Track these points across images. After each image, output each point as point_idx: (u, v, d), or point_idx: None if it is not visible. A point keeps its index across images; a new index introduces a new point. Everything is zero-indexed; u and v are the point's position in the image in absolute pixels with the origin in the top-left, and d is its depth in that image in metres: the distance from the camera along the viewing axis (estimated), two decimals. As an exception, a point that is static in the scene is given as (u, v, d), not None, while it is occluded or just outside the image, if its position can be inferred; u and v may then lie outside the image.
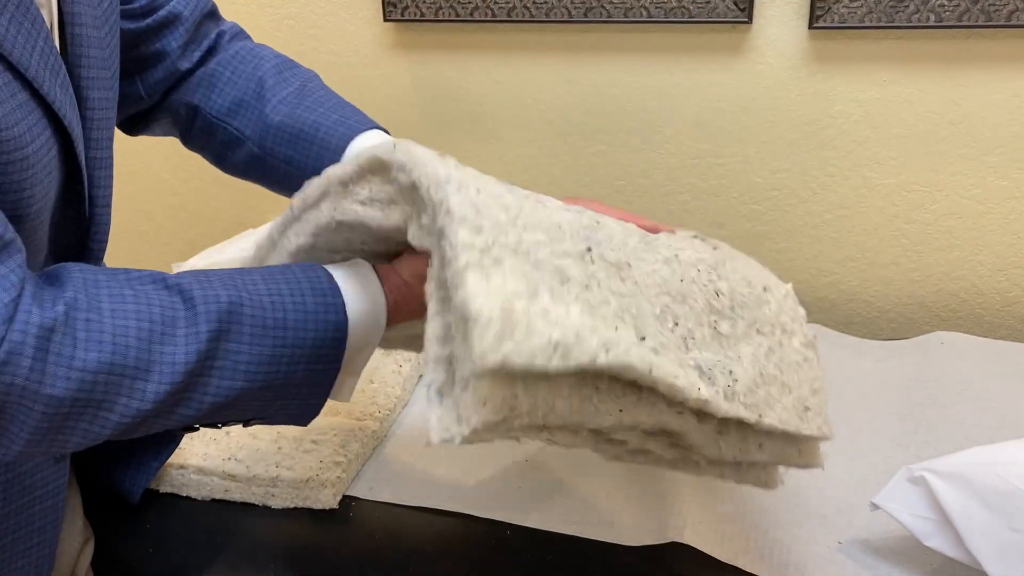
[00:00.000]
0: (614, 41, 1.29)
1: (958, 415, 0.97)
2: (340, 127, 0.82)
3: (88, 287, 0.59)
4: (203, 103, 0.86)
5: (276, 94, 0.84)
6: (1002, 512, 0.70)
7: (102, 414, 0.58)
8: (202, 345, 0.60)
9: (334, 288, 0.65)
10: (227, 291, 0.62)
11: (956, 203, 1.24)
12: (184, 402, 0.60)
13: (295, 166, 0.82)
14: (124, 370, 0.58)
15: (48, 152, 0.61)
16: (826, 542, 0.81)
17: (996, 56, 1.15)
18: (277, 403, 0.65)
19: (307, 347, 0.63)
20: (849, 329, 1.34)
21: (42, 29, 0.59)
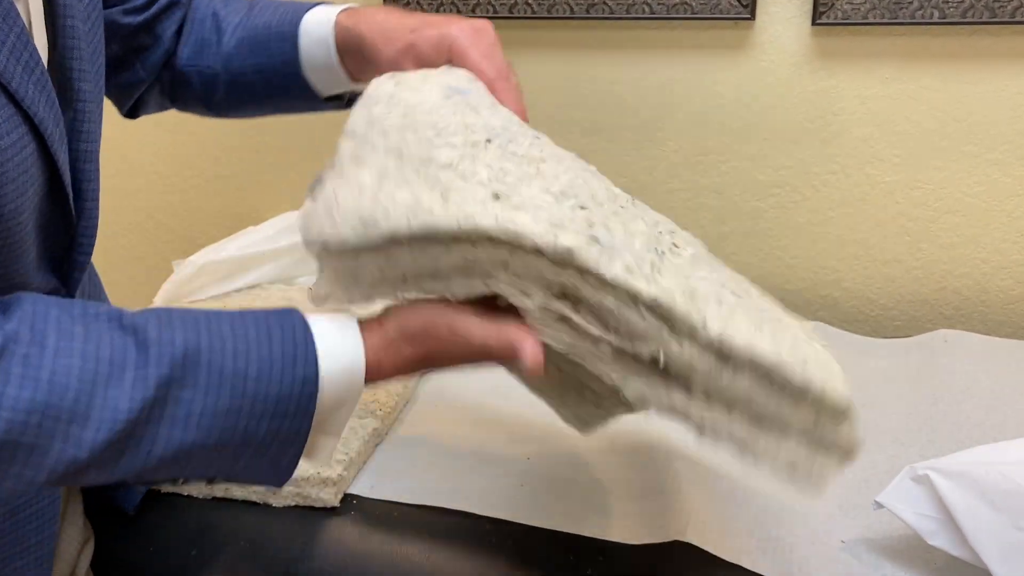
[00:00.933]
0: (616, 38, 1.28)
1: (962, 414, 0.96)
2: (288, 16, 0.83)
3: (36, 320, 0.55)
4: (178, 57, 0.87)
5: (230, 22, 0.86)
6: (1007, 511, 0.70)
7: (35, 459, 0.53)
8: (149, 392, 0.54)
9: (307, 338, 0.59)
10: (185, 335, 0.57)
11: (960, 200, 1.24)
12: (128, 453, 0.55)
13: (267, 71, 0.84)
14: (59, 413, 0.52)
15: (22, 150, 0.58)
16: (829, 541, 0.81)
17: (1000, 53, 1.15)
18: (240, 462, 0.59)
19: (270, 401, 0.57)
20: (852, 327, 1.34)
21: (15, 24, 0.58)
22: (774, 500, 0.85)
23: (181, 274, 1.24)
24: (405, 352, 0.62)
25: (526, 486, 0.89)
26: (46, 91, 0.61)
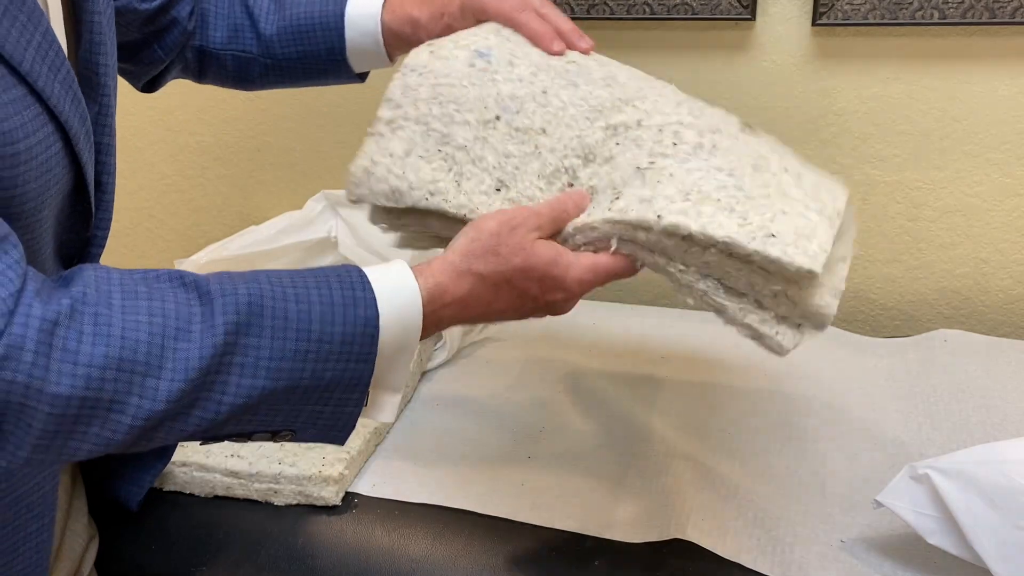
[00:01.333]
0: (617, 38, 1.28)
1: (962, 413, 0.97)
2: (329, 6, 0.89)
3: (100, 283, 0.57)
4: (204, 42, 0.91)
5: (260, 7, 0.91)
6: (1006, 510, 0.70)
7: (113, 416, 0.55)
8: (218, 339, 0.57)
9: (364, 282, 0.62)
10: (247, 285, 0.59)
11: (959, 200, 1.24)
12: (200, 403, 0.57)
13: (309, 58, 0.90)
14: (134, 366, 0.55)
15: (47, 149, 0.59)
16: (829, 539, 0.81)
17: (1000, 53, 1.15)
18: (307, 409, 0.61)
19: (335, 343, 0.59)
20: (852, 326, 1.34)
21: (40, 22, 0.58)
22: (775, 499, 0.85)
23: (183, 273, 1.24)
24: (476, 268, 0.65)
25: (527, 485, 0.89)
26: (72, 89, 0.62)
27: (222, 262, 1.25)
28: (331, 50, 0.90)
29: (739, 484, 0.87)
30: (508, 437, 0.97)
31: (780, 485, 0.88)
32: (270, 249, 1.27)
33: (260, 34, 0.91)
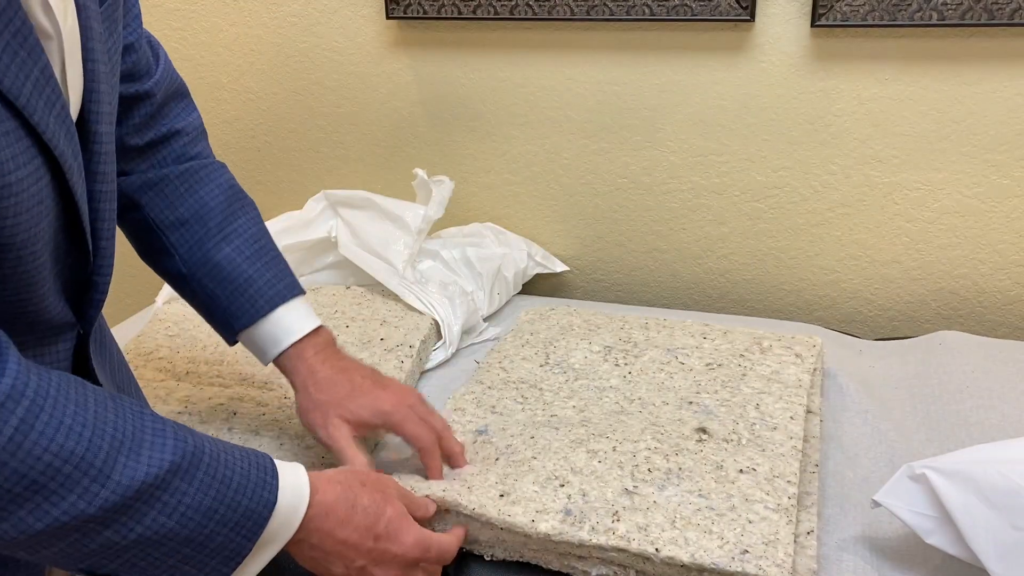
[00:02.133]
0: (617, 39, 1.29)
1: (960, 413, 0.97)
2: (268, 290, 0.86)
3: (72, 382, 0.60)
4: (148, 206, 0.86)
5: (221, 230, 0.87)
6: (1004, 510, 0.70)
7: (45, 506, 0.56)
8: (161, 472, 0.60)
9: (275, 473, 0.67)
10: (194, 438, 0.64)
11: (958, 201, 1.24)
12: (116, 525, 0.59)
13: (217, 304, 0.86)
14: (89, 468, 0.57)
15: (37, 181, 0.59)
16: (827, 539, 0.81)
17: (998, 54, 1.15)
18: (185, 567, 0.63)
19: (237, 513, 0.64)
20: (850, 327, 1.35)
21: (39, 59, 0.59)
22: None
23: (183, 273, 1.25)
24: (351, 493, 0.72)
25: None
26: (66, 124, 0.62)
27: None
28: (238, 317, 0.86)
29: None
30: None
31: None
32: (270, 249, 1.27)
33: (201, 248, 0.86)
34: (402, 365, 1.06)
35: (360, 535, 0.71)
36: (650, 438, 0.90)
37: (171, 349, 1.12)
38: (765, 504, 0.79)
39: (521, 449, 0.88)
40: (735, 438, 0.89)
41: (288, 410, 0.98)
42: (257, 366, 1.06)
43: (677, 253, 1.40)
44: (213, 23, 1.47)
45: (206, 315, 0.89)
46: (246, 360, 1.08)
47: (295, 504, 0.67)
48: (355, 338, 1.13)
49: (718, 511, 0.79)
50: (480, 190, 1.45)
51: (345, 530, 0.70)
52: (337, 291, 1.27)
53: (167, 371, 1.07)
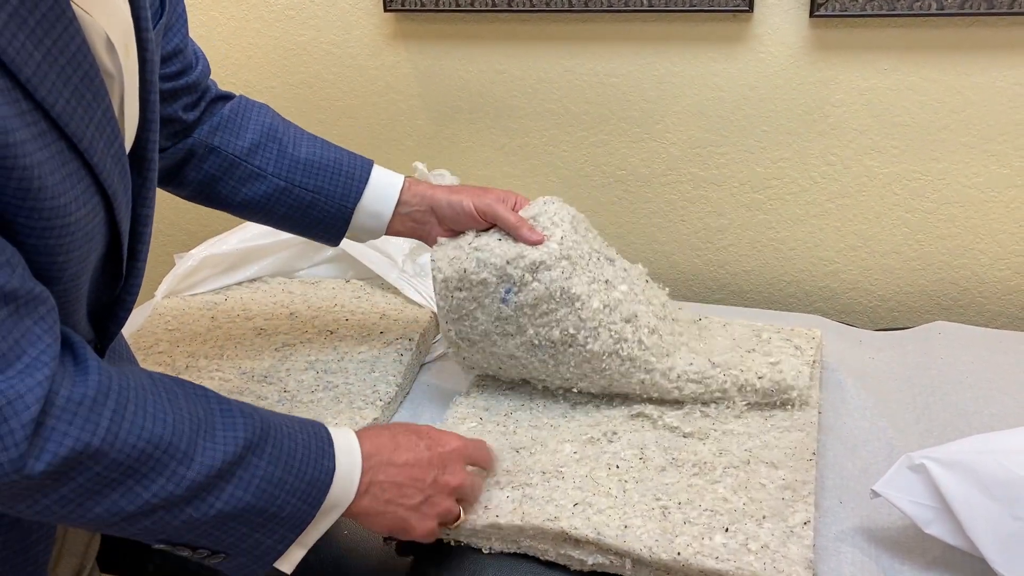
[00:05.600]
0: (615, 30, 1.28)
1: (959, 404, 0.97)
2: (356, 162, 0.95)
3: (142, 374, 0.64)
4: (223, 144, 0.92)
5: (289, 135, 0.95)
6: (1003, 500, 0.70)
7: (137, 489, 0.60)
8: (238, 449, 0.64)
9: (331, 441, 0.72)
10: (260, 413, 0.68)
11: (957, 191, 1.24)
12: (197, 501, 0.63)
13: (323, 194, 0.93)
14: (176, 451, 0.62)
15: (94, 219, 0.62)
16: (826, 530, 0.81)
17: (998, 44, 1.15)
18: (255, 536, 0.67)
19: (303, 482, 0.68)
20: (850, 318, 1.35)
21: (103, 100, 0.61)
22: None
23: (182, 267, 1.25)
24: (385, 431, 0.77)
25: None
26: (120, 163, 0.64)
27: (221, 256, 1.25)
28: (346, 195, 0.94)
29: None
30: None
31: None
32: (269, 243, 1.27)
33: (286, 155, 0.93)
34: (401, 358, 1.06)
35: (418, 452, 0.76)
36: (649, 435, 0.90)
37: (170, 343, 1.12)
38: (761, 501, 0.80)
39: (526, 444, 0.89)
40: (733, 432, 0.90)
41: (287, 404, 0.98)
42: (257, 359, 1.06)
43: (676, 244, 1.40)
44: (211, 16, 1.46)
45: (313, 219, 0.95)
46: (245, 354, 1.08)
47: (350, 469, 0.72)
48: (355, 331, 1.13)
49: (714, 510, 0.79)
50: (479, 182, 1.44)
51: (401, 454, 0.75)
52: (337, 284, 1.27)
53: (166, 365, 1.07)
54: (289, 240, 1.27)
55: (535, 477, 0.84)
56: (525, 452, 0.88)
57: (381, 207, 0.94)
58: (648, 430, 0.91)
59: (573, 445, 0.89)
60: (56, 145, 0.57)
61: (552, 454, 0.88)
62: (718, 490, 0.82)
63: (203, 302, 1.22)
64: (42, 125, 0.55)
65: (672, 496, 0.81)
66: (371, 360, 1.06)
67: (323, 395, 1.00)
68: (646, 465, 0.85)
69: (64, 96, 0.56)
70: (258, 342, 1.11)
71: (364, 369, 1.04)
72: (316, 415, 0.96)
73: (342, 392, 1.00)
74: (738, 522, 0.77)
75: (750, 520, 0.78)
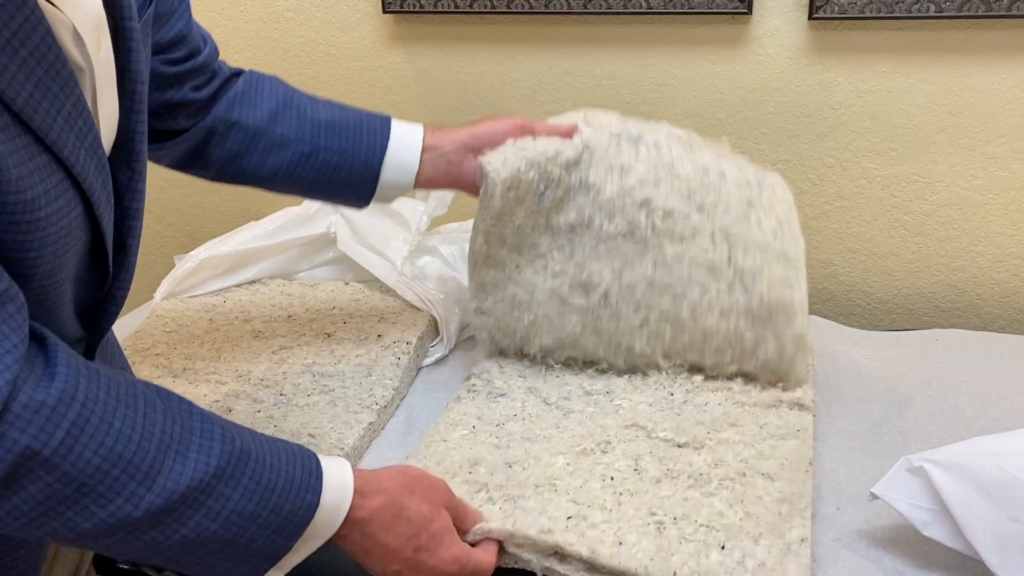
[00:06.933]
0: (613, 33, 1.28)
1: (957, 406, 0.97)
2: (373, 119, 0.95)
3: (120, 383, 0.60)
4: (244, 117, 0.92)
5: (305, 100, 0.95)
6: (1001, 502, 0.70)
7: (92, 508, 0.57)
8: (206, 477, 0.60)
9: (319, 474, 0.67)
10: (242, 439, 0.64)
11: (956, 194, 1.24)
12: (161, 527, 0.59)
13: (349, 155, 0.93)
14: (136, 471, 0.58)
15: (67, 215, 0.60)
16: (824, 535, 0.81)
17: (997, 47, 1.15)
18: (225, 563, 0.64)
19: (280, 516, 0.64)
20: (848, 320, 1.34)
21: (72, 92, 0.59)
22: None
23: (182, 269, 1.25)
24: (399, 500, 0.71)
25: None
26: (96, 155, 0.63)
27: (221, 258, 1.25)
28: (372, 151, 0.93)
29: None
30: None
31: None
32: (269, 245, 1.27)
33: (306, 120, 0.93)
34: (399, 362, 1.06)
35: (401, 543, 0.70)
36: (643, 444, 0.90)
37: (168, 345, 1.12)
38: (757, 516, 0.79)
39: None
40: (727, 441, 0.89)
41: (283, 408, 0.98)
42: (254, 362, 1.06)
43: (675, 247, 1.40)
44: (209, 18, 1.46)
45: (341, 181, 0.94)
46: (242, 357, 1.08)
47: (338, 504, 0.67)
48: (352, 334, 1.13)
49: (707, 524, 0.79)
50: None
51: (387, 536, 0.70)
52: (336, 287, 1.27)
53: (163, 367, 1.06)
54: (289, 242, 1.27)
55: (528, 491, 0.83)
56: (518, 467, 0.87)
57: (407, 158, 0.94)
58: (642, 440, 0.90)
59: (566, 457, 0.88)
60: (22, 139, 0.55)
61: (545, 467, 0.86)
62: (714, 503, 0.80)
63: (202, 304, 1.22)
64: (5, 118, 0.54)
65: (667, 511, 0.80)
66: (368, 363, 1.06)
67: (319, 398, 0.99)
68: (640, 477, 0.84)
69: (27, 89, 0.55)
70: (255, 345, 1.11)
71: (361, 372, 1.04)
72: (312, 418, 0.95)
73: (338, 396, 1.00)
74: (734, 539, 0.76)
75: (746, 537, 0.76)
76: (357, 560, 0.71)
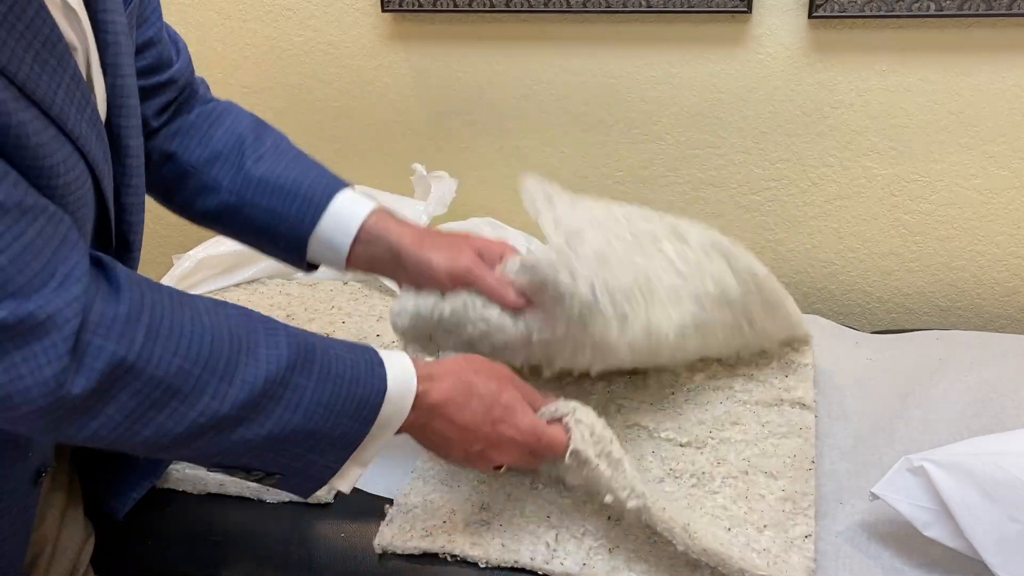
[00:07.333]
0: (613, 31, 1.28)
1: (958, 406, 0.97)
2: (320, 184, 0.86)
3: (180, 293, 0.63)
4: (180, 152, 0.87)
5: (255, 150, 0.88)
6: (1001, 502, 0.70)
7: (182, 409, 0.60)
8: (281, 369, 0.63)
9: (381, 362, 0.69)
10: (304, 333, 0.67)
11: (956, 193, 1.24)
12: (246, 423, 0.62)
13: (277, 218, 0.85)
14: (215, 368, 0.60)
15: (83, 185, 0.61)
16: (826, 533, 0.81)
17: (997, 45, 1.15)
18: (308, 457, 0.66)
19: (353, 402, 0.66)
20: (848, 319, 1.34)
21: (69, 65, 0.60)
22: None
23: (180, 268, 1.24)
24: (467, 378, 0.73)
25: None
26: (96, 128, 0.63)
27: (219, 258, 1.25)
28: (302, 222, 0.85)
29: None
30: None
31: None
32: (266, 244, 1.27)
33: (243, 171, 0.86)
34: (398, 360, 1.06)
35: (478, 419, 0.72)
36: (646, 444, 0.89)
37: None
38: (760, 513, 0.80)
39: None
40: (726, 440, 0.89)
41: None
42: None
43: (675, 246, 1.40)
44: (207, 17, 1.46)
45: (269, 241, 0.88)
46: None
47: (405, 387, 0.69)
48: (351, 334, 1.12)
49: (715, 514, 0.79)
50: (477, 184, 1.44)
51: (463, 414, 0.72)
52: (334, 286, 1.26)
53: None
54: (286, 241, 1.27)
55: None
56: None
57: (338, 239, 0.84)
58: (644, 440, 0.90)
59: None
60: (30, 111, 0.56)
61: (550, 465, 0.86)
62: (717, 500, 0.81)
63: (199, 303, 1.22)
64: (12, 91, 0.54)
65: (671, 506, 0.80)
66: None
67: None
68: (644, 476, 0.84)
69: (27, 63, 0.55)
70: (254, 344, 1.11)
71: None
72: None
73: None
74: (739, 527, 0.77)
75: (751, 527, 0.77)
76: (439, 453, 0.74)
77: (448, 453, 0.74)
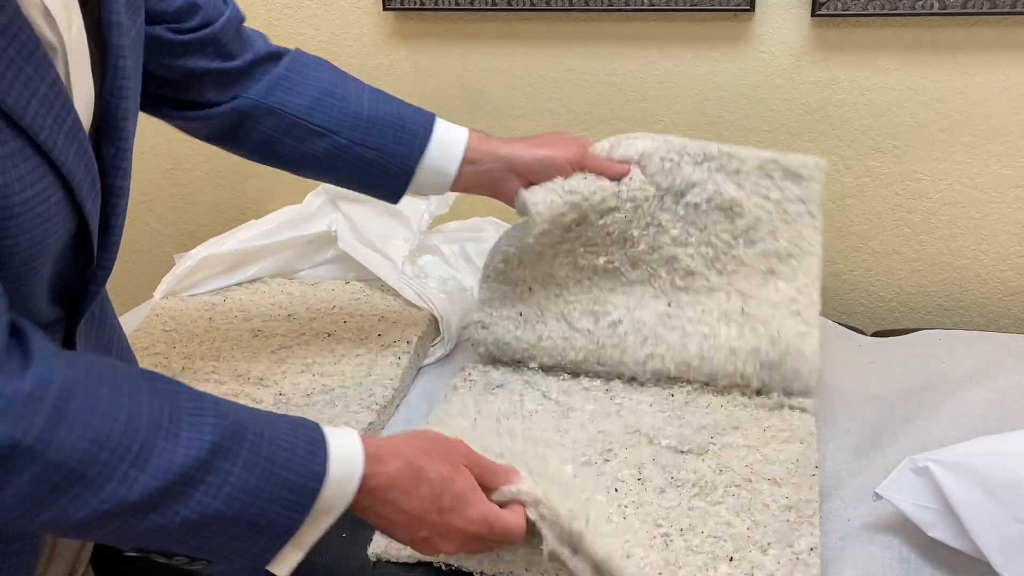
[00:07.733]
0: (615, 30, 1.28)
1: (962, 406, 0.96)
2: (418, 115, 0.93)
3: (103, 366, 0.59)
4: (282, 104, 0.90)
5: (350, 90, 0.92)
6: (1007, 502, 0.70)
7: (86, 494, 0.56)
8: (202, 454, 0.58)
9: (323, 443, 0.65)
10: (235, 413, 0.62)
11: (959, 192, 1.24)
12: (161, 508, 0.58)
13: (385, 151, 0.91)
14: (127, 454, 0.56)
15: (47, 200, 0.59)
16: (830, 534, 0.81)
17: (1001, 44, 1.14)
18: (235, 545, 0.62)
19: (286, 489, 0.62)
20: (851, 319, 1.34)
21: (47, 74, 0.58)
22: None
23: (182, 268, 1.24)
24: (412, 456, 0.68)
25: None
26: (77, 139, 0.61)
27: (221, 257, 1.25)
28: (409, 152, 0.91)
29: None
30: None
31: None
32: (269, 244, 1.26)
33: (348, 112, 0.91)
34: (399, 361, 1.06)
35: (425, 506, 0.68)
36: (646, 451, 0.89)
37: (167, 344, 1.11)
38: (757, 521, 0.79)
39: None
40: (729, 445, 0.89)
41: (283, 407, 0.98)
42: (253, 362, 1.05)
43: (677, 245, 1.40)
44: (209, 16, 1.46)
45: (376, 176, 0.92)
46: (242, 356, 1.07)
47: (348, 472, 0.65)
48: (353, 333, 1.12)
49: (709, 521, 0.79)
50: (479, 183, 1.44)
51: (410, 501, 0.67)
52: (336, 286, 1.26)
53: (163, 366, 1.06)
54: (289, 241, 1.27)
55: None
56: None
57: (445, 164, 0.92)
58: (644, 446, 0.90)
59: (573, 467, 0.87)
60: None
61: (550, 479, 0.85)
62: (720, 512, 0.80)
63: (201, 303, 1.22)
64: None
65: (673, 522, 0.79)
66: (368, 363, 1.05)
67: (319, 398, 0.99)
68: (645, 487, 0.83)
69: None
70: (255, 344, 1.10)
71: (361, 372, 1.04)
72: (311, 418, 0.94)
73: (338, 395, 0.99)
74: (742, 549, 0.76)
75: (755, 547, 0.76)
76: (384, 532, 0.70)
77: (393, 535, 0.70)
